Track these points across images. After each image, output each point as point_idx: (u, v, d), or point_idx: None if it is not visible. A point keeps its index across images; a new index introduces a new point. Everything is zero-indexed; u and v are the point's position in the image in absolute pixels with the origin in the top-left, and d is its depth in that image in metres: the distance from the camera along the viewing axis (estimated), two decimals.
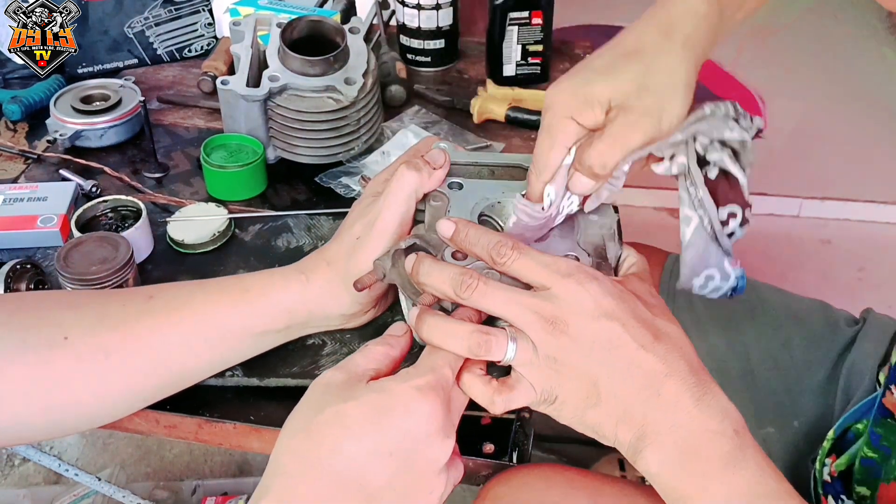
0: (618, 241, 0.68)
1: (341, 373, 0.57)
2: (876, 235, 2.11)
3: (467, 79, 1.20)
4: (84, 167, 0.99)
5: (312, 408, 0.55)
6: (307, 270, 0.70)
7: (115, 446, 1.65)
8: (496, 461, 0.69)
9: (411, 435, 0.53)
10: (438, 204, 0.69)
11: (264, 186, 0.97)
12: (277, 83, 0.93)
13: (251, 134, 0.97)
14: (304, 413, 0.55)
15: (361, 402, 0.54)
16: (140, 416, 0.73)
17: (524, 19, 1.13)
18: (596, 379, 0.56)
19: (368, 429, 0.53)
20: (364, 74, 0.95)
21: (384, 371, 0.59)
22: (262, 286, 0.69)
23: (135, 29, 1.16)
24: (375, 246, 0.67)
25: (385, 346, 0.60)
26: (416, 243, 0.66)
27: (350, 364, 0.58)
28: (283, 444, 0.55)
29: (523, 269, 0.59)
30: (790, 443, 0.89)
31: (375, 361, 0.59)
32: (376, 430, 0.53)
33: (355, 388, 0.55)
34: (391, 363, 0.60)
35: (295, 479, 0.52)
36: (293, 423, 0.55)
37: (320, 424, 0.53)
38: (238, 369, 0.73)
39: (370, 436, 0.53)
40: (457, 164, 0.72)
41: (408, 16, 1.18)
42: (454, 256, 0.63)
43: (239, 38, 0.99)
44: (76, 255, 0.78)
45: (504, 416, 0.72)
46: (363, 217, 0.70)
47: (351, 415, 0.53)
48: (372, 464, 0.53)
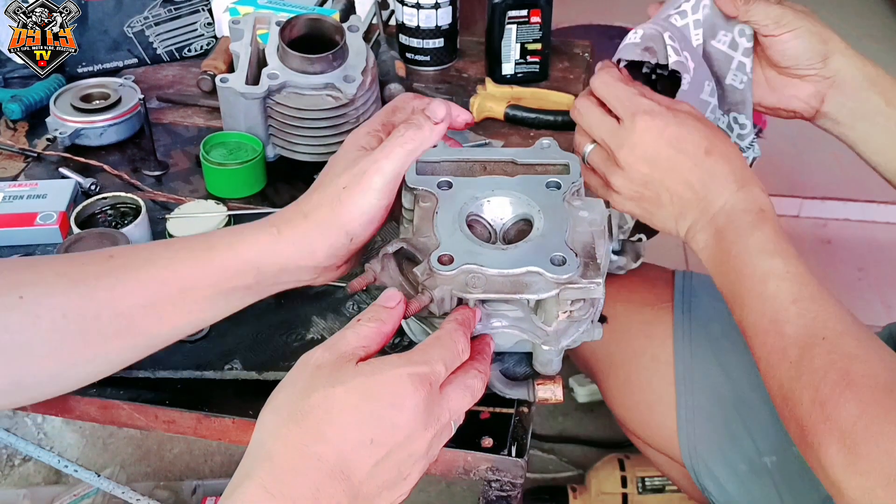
0: (608, 238, 0.67)
1: (330, 353, 0.56)
2: (876, 235, 2.11)
3: (466, 77, 1.20)
4: (83, 165, 0.99)
5: (300, 390, 0.55)
6: (279, 223, 0.67)
7: (116, 446, 1.65)
8: (495, 455, 0.69)
9: (396, 426, 0.54)
10: (427, 205, 0.68)
11: (263, 184, 0.97)
12: (277, 81, 0.93)
13: (250, 132, 0.97)
14: (291, 395, 0.55)
15: (349, 388, 0.54)
16: (139, 411, 0.73)
17: (523, 18, 1.13)
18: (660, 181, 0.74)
19: (355, 416, 0.53)
20: (363, 72, 0.96)
21: (374, 349, 0.58)
22: (228, 242, 0.66)
23: (134, 28, 1.17)
24: (364, 194, 0.66)
25: (376, 322, 0.59)
26: (403, 247, 0.66)
27: (340, 343, 0.57)
28: (267, 427, 0.54)
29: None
30: None
31: (366, 339, 0.58)
32: (362, 419, 0.53)
33: (344, 371, 0.55)
34: (382, 340, 0.59)
35: (280, 465, 0.52)
36: (279, 403, 0.55)
37: (308, 410, 0.53)
38: (237, 363, 0.73)
39: (356, 424, 0.53)
40: (447, 160, 0.72)
41: (407, 15, 1.18)
42: (440, 261, 0.63)
43: (238, 37, 0.99)
44: (75, 252, 0.78)
45: (502, 412, 0.72)
46: (352, 167, 0.67)
47: (339, 400, 0.53)
48: (356, 452, 0.53)
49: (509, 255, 0.64)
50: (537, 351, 0.70)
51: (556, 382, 0.70)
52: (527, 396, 0.70)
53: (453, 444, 0.69)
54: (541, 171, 0.73)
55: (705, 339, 0.96)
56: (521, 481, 0.70)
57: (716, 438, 0.94)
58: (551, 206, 0.68)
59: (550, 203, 0.69)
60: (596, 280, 0.64)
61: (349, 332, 0.58)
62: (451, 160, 0.72)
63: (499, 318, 0.68)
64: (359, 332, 0.58)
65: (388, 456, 0.54)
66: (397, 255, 0.67)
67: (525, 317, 0.68)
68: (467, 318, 0.63)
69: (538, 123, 1.08)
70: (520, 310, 0.67)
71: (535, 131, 1.07)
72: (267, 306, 0.80)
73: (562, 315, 0.66)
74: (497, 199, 0.69)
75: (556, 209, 0.68)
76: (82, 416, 0.75)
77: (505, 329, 0.68)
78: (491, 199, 0.69)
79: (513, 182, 0.70)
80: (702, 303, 0.99)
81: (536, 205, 0.69)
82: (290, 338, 0.77)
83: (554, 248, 0.65)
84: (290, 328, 0.78)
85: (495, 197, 0.69)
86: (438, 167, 0.73)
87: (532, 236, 0.67)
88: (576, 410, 1.68)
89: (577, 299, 0.65)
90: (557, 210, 0.68)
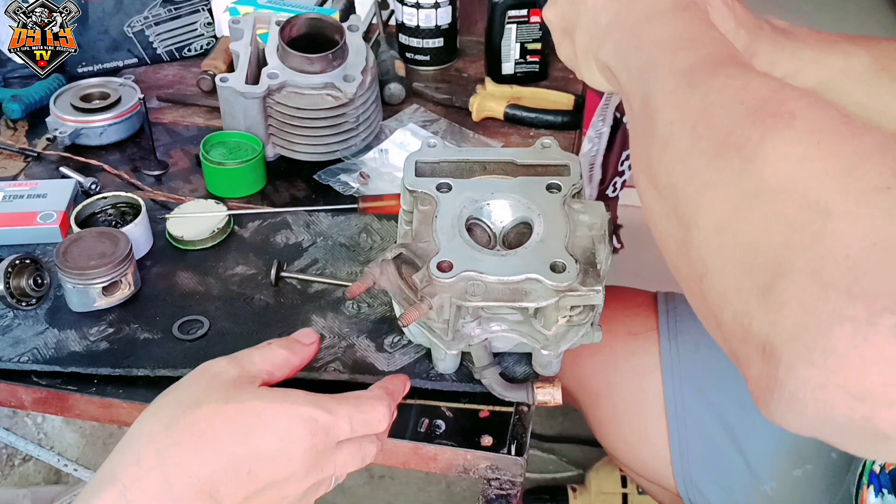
0: (607, 242, 0.67)
1: (234, 367, 0.54)
2: None
3: (466, 77, 1.20)
4: (84, 165, 0.99)
5: (190, 398, 0.52)
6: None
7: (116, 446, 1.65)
8: (494, 454, 0.69)
9: (277, 463, 0.51)
10: (426, 208, 0.68)
11: (263, 183, 0.97)
12: (276, 80, 0.93)
13: (250, 131, 0.97)
14: (179, 400, 0.52)
15: (242, 408, 0.51)
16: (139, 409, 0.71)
17: (523, 17, 1.13)
18: None
19: (238, 441, 0.50)
20: (363, 72, 0.96)
21: (278, 376, 0.56)
22: None
23: (134, 28, 1.17)
24: None
25: (287, 350, 0.58)
26: (402, 253, 0.65)
27: (245, 360, 0.55)
28: (143, 428, 0.51)
29: None
30: (829, 471, 0.87)
31: (273, 364, 0.56)
32: (245, 446, 0.50)
33: (243, 389, 0.52)
34: (289, 370, 0.58)
35: (147, 474, 0.49)
36: (163, 405, 0.52)
37: (192, 421, 0.50)
38: None
39: (237, 450, 0.50)
40: (448, 161, 0.72)
41: (407, 14, 1.18)
42: (439, 268, 0.63)
43: (238, 36, 0.99)
44: (75, 251, 0.78)
45: (503, 410, 0.72)
46: None
47: (226, 419, 0.50)
48: (230, 480, 0.50)
49: (509, 262, 0.64)
50: (536, 353, 0.70)
51: (555, 385, 0.70)
52: (526, 399, 0.70)
53: (453, 443, 0.69)
54: (541, 171, 0.73)
55: (694, 366, 0.93)
56: (520, 480, 0.70)
57: (712, 468, 0.91)
58: (551, 210, 0.68)
59: (550, 206, 0.68)
60: (596, 287, 0.63)
61: (257, 353, 0.56)
62: (451, 160, 0.72)
63: (498, 322, 0.68)
64: (267, 356, 0.56)
65: (261, 491, 0.51)
66: (396, 260, 0.67)
67: (524, 321, 0.68)
68: (397, 391, 0.61)
69: (538, 123, 1.08)
70: (519, 314, 0.67)
71: (534, 131, 1.07)
72: (266, 305, 0.80)
73: (561, 320, 0.66)
74: (497, 203, 0.69)
75: (556, 213, 0.68)
76: (82, 414, 0.75)
77: (504, 333, 0.68)
78: (491, 203, 0.69)
79: (513, 184, 0.70)
80: (687, 327, 0.95)
81: (536, 208, 0.68)
82: None
83: (554, 254, 0.64)
84: (289, 327, 0.78)
85: (495, 200, 0.69)
86: (438, 168, 0.73)
87: (532, 241, 0.66)
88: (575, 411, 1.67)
89: (577, 305, 0.65)
90: (557, 214, 0.68)
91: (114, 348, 0.76)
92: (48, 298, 0.81)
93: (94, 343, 0.77)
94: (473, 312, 0.67)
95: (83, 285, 0.77)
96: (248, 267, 0.85)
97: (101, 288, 0.78)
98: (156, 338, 0.77)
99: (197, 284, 0.83)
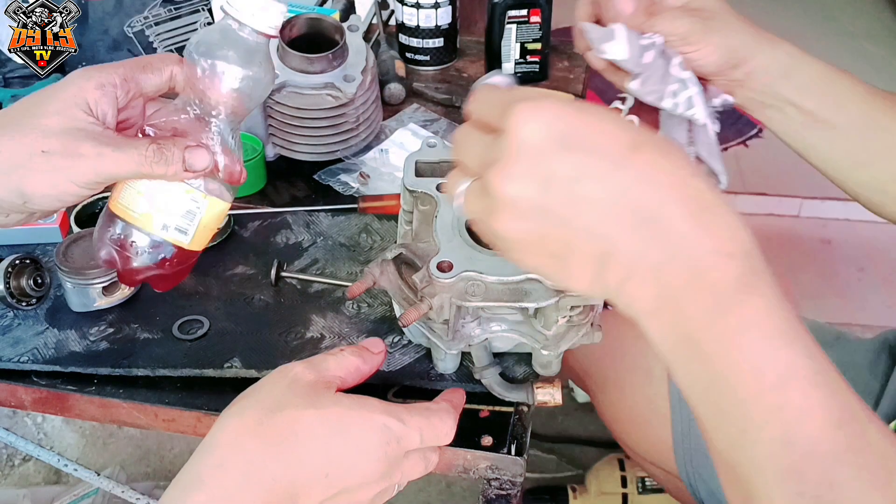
0: None
1: (311, 372, 0.56)
2: (876, 235, 2.11)
3: (466, 77, 1.20)
4: None
5: (271, 401, 0.54)
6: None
7: (116, 446, 1.65)
8: (494, 454, 0.69)
9: (354, 469, 0.53)
10: (426, 208, 0.68)
11: (263, 183, 0.97)
12: (276, 80, 0.93)
13: (250, 131, 0.97)
14: (261, 403, 0.54)
15: (322, 414, 0.53)
16: (138, 409, 0.73)
17: (523, 18, 1.13)
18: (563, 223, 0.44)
19: (319, 446, 0.52)
20: (363, 72, 0.96)
21: (350, 383, 0.58)
22: None
23: (134, 28, 1.17)
24: (67, 184, 0.57)
25: (359, 358, 0.59)
26: (402, 253, 0.65)
27: (322, 366, 0.57)
28: (226, 431, 0.53)
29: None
30: None
31: (345, 371, 0.58)
32: (325, 451, 0.52)
33: (322, 396, 0.54)
34: (359, 377, 0.59)
35: (234, 478, 0.51)
36: (245, 408, 0.54)
37: (274, 425, 0.52)
38: (237, 361, 0.73)
39: (318, 455, 0.52)
40: (448, 161, 0.72)
41: (407, 15, 1.18)
42: (439, 268, 0.63)
43: None
44: (75, 251, 0.79)
45: (502, 410, 0.72)
46: (68, 137, 0.57)
47: (308, 424, 0.52)
48: (310, 483, 0.52)
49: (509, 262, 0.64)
50: (536, 353, 0.70)
51: (555, 385, 0.70)
52: (526, 399, 0.70)
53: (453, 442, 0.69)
54: None
55: None
56: (520, 480, 0.70)
57: None
58: None
59: None
60: None
61: (332, 359, 0.58)
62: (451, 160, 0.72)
63: (498, 322, 0.68)
64: (341, 362, 0.58)
65: (336, 496, 0.53)
66: (396, 260, 0.67)
67: (524, 321, 0.68)
68: (460, 404, 0.63)
69: None
70: (519, 314, 0.67)
71: None
72: (266, 305, 0.81)
73: (561, 320, 0.66)
74: None
75: None
76: (82, 414, 0.75)
77: (504, 333, 0.68)
78: None
79: None
80: None
81: None
82: (289, 336, 0.77)
83: None
84: (289, 326, 0.78)
85: None
86: (438, 168, 0.73)
87: None
88: (576, 410, 1.67)
89: (577, 305, 0.65)
90: None
91: (114, 348, 0.76)
92: (48, 298, 0.81)
93: (94, 343, 0.77)
94: (473, 312, 0.67)
95: (83, 285, 0.77)
96: (248, 267, 0.85)
97: (101, 288, 0.78)
98: (156, 338, 0.77)
99: (197, 284, 0.83)
